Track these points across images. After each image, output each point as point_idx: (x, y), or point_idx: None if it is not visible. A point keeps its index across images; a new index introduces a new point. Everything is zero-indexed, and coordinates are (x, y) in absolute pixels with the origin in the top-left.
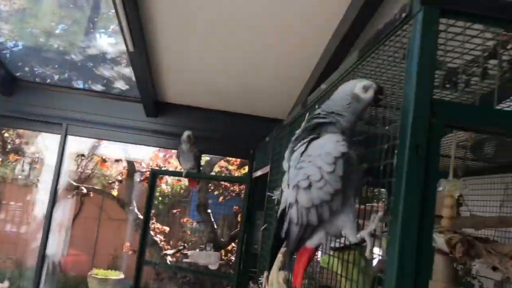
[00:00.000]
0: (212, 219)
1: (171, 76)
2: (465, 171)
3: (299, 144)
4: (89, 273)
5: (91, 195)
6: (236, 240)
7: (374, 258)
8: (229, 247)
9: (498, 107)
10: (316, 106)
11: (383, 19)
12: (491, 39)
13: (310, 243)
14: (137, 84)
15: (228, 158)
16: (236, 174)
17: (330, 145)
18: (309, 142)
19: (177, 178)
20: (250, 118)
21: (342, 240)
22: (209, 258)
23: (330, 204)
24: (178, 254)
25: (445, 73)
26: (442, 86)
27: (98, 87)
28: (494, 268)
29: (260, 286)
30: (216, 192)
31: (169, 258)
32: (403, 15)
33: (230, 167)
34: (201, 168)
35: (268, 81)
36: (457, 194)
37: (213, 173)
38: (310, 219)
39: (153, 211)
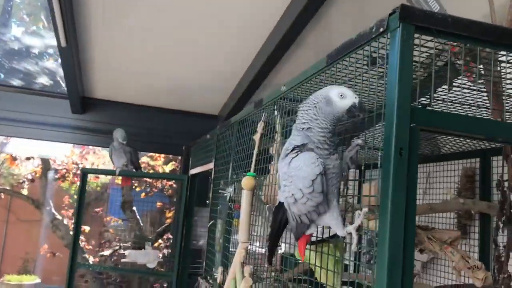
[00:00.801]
0: (138, 217)
1: (100, 72)
2: None
3: (283, 162)
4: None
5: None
6: (164, 237)
7: (361, 250)
8: (156, 244)
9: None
10: (276, 107)
11: (325, 20)
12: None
13: (307, 233)
14: (65, 79)
15: (151, 154)
16: (161, 171)
17: (306, 168)
18: (290, 161)
19: (94, 175)
20: (181, 114)
21: (319, 234)
22: (148, 257)
23: (317, 210)
24: (102, 254)
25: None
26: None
27: (17, 82)
28: (421, 251)
29: (210, 281)
30: (137, 189)
31: (92, 259)
32: (381, 29)
33: (153, 163)
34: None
35: (201, 77)
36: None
37: None
38: (302, 220)
39: (71, 210)
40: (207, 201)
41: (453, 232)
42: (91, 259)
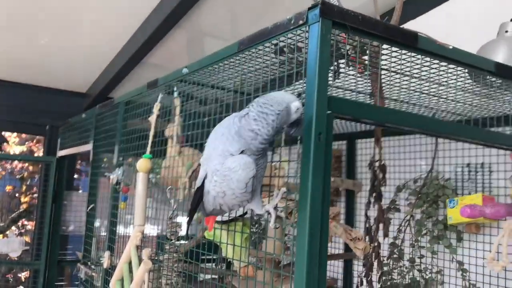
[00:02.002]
0: None
1: None
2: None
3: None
4: None
5: None
6: (19, 223)
7: (277, 227)
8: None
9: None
10: (175, 89)
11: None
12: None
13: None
14: None
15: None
16: (17, 152)
17: (241, 172)
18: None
19: None
20: (44, 91)
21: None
22: (11, 245)
23: (242, 204)
24: None
25: None
26: None
27: None
28: None
29: (92, 267)
30: None
31: None
32: (300, 22)
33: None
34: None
35: (68, 52)
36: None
37: None
38: (223, 209)
39: None
40: (77, 185)
41: (335, 208)
42: None
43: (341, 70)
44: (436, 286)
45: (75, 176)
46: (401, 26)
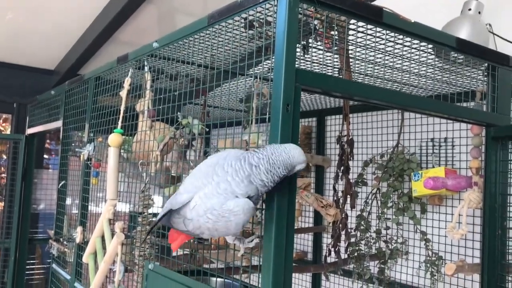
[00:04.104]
0: None
1: None
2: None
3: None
4: None
5: None
6: None
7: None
8: None
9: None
10: (146, 63)
11: None
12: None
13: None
14: None
15: None
16: None
17: (242, 216)
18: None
19: None
20: (9, 68)
21: None
22: None
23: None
24: None
25: None
26: None
27: None
28: None
29: (65, 243)
30: None
31: None
32: None
33: None
34: None
35: (37, 27)
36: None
37: None
38: (202, 236)
39: None
40: (46, 164)
41: (305, 179)
42: None
43: (310, 45)
44: (401, 256)
45: (45, 156)
46: (371, 2)
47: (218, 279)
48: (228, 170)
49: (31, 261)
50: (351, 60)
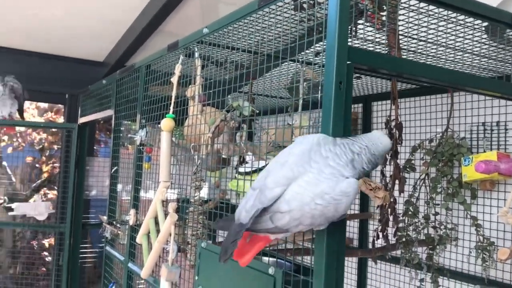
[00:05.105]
0: (10, 172)
1: None
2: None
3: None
4: None
5: None
6: (41, 192)
7: None
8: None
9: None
10: (196, 49)
11: None
12: None
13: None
14: None
15: None
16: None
17: (352, 197)
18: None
19: None
20: (63, 60)
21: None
22: (39, 208)
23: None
24: None
25: None
26: None
27: None
28: None
29: (118, 225)
30: (3, 143)
31: None
32: None
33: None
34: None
35: (86, 21)
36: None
37: None
38: (295, 229)
39: None
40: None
41: None
42: None
43: (359, 27)
44: (450, 242)
45: (95, 147)
46: None
47: (270, 258)
48: (328, 155)
49: (84, 245)
50: (401, 38)
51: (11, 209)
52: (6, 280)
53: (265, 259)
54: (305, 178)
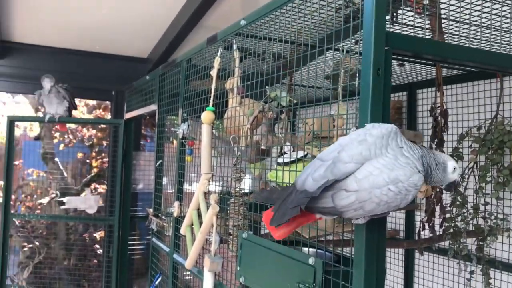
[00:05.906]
0: (61, 168)
1: (21, 12)
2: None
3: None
4: None
5: None
6: (91, 187)
7: None
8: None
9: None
10: (235, 41)
11: None
12: None
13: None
14: None
15: None
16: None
17: (415, 192)
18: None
19: None
20: (108, 58)
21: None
22: (89, 202)
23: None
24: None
25: None
26: None
27: None
28: None
29: (163, 217)
30: (55, 140)
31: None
32: None
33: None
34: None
35: (129, 19)
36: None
37: None
38: (355, 214)
39: None
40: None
41: None
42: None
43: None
44: (502, 233)
45: (141, 142)
46: None
47: (311, 249)
48: (403, 146)
49: (132, 237)
50: (443, 22)
51: (63, 203)
52: (61, 271)
53: (305, 249)
54: (381, 161)
